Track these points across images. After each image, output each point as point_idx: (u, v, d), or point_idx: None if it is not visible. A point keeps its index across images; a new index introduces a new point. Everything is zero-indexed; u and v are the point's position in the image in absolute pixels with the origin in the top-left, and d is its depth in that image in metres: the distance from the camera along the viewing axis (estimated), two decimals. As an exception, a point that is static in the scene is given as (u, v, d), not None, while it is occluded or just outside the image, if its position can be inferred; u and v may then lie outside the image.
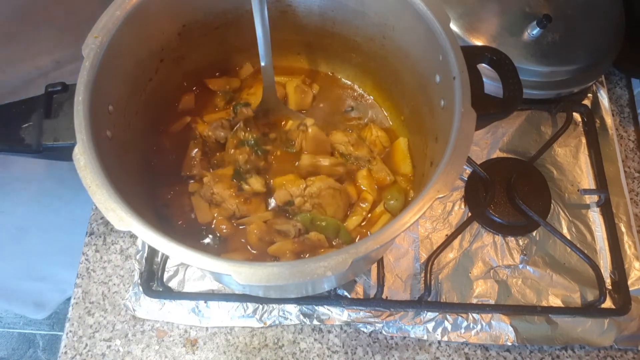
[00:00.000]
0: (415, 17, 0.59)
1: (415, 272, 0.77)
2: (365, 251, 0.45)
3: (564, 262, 0.79)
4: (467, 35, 0.83)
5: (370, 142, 0.76)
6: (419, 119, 0.70)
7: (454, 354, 0.74)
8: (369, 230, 0.71)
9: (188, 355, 0.73)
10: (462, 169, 0.54)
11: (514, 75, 0.59)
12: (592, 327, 0.74)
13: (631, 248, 0.80)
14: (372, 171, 0.74)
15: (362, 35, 0.73)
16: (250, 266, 0.45)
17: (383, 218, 0.71)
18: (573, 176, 0.86)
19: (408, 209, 0.47)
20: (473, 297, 0.76)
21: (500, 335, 0.73)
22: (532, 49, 0.83)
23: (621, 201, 0.83)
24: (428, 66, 0.62)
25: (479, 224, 0.81)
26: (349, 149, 0.74)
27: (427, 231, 0.80)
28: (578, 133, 0.90)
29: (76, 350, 0.74)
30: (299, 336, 0.74)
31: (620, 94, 0.97)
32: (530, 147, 0.88)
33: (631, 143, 0.93)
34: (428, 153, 0.65)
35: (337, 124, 0.79)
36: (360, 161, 0.74)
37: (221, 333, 0.74)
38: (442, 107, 0.59)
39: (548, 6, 0.85)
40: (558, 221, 0.82)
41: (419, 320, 0.74)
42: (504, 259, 0.79)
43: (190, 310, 0.74)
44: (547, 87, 0.85)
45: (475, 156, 0.86)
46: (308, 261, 0.44)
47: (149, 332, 0.75)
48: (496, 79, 0.59)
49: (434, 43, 0.58)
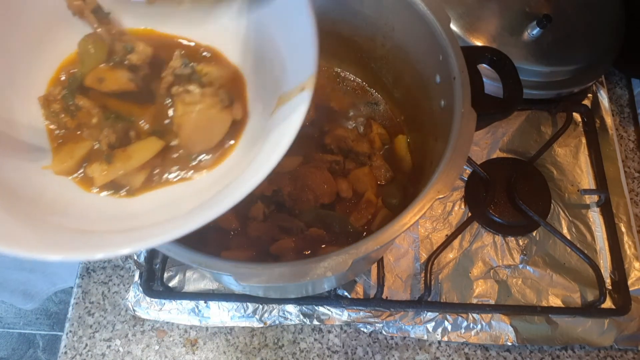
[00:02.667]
0: (415, 17, 0.60)
1: (415, 272, 0.77)
2: (365, 251, 0.45)
3: (564, 262, 0.79)
4: (467, 35, 0.83)
5: (370, 139, 0.76)
6: (419, 119, 0.70)
7: (454, 354, 0.74)
8: (370, 226, 0.70)
9: (188, 355, 0.73)
10: (462, 169, 0.54)
11: (514, 75, 0.59)
12: (592, 327, 0.74)
13: (631, 248, 0.80)
14: (373, 167, 0.74)
15: (362, 35, 0.72)
16: (250, 266, 0.45)
17: (382, 212, 0.71)
18: (573, 176, 0.86)
19: (408, 209, 0.47)
20: (473, 297, 0.76)
21: (500, 335, 0.73)
22: (532, 49, 0.83)
23: (621, 201, 0.83)
24: (428, 66, 0.62)
25: (479, 224, 0.81)
26: (349, 144, 0.74)
27: (427, 231, 0.80)
28: (578, 133, 0.90)
29: (76, 350, 0.74)
30: (299, 336, 0.74)
31: (620, 94, 0.97)
32: (530, 147, 0.88)
33: (631, 143, 0.93)
34: (428, 153, 0.65)
35: (338, 121, 0.79)
36: (360, 157, 0.74)
37: (221, 333, 0.74)
38: (442, 107, 0.59)
39: (548, 6, 0.85)
40: (558, 221, 0.82)
41: (419, 320, 0.74)
42: (504, 259, 0.79)
43: (190, 310, 0.74)
44: (547, 87, 0.85)
45: (475, 156, 0.86)
46: (308, 262, 0.45)
47: (149, 332, 0.75)
48: (496, 79, 0.59)
49: (434, 43, 0.58)
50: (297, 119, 0.42)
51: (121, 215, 0.47)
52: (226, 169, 0.50)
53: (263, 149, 0.44)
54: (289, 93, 0.46)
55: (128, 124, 0.52)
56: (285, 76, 0.47)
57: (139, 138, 0.52)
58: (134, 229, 0.42)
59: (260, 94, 0.54)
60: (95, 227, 0.44)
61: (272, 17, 0.51)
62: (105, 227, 0.44)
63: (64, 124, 0.52)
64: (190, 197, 0.47)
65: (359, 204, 0.71)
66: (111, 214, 0.47)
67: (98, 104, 0.52)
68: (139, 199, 0.49)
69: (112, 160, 0.50)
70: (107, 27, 0.54)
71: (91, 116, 0.51)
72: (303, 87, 0.43)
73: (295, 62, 0.47)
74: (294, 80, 0.45)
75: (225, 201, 0.39)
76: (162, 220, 0.43)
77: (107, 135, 0.50)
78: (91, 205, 0.48)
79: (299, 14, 0.46)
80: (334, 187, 0.71)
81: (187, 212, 0.43)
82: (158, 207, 0.48)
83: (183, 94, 0.51)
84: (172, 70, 0.53)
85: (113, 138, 0.50)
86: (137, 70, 0.54)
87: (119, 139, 0.51)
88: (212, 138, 0.51)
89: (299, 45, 0.46)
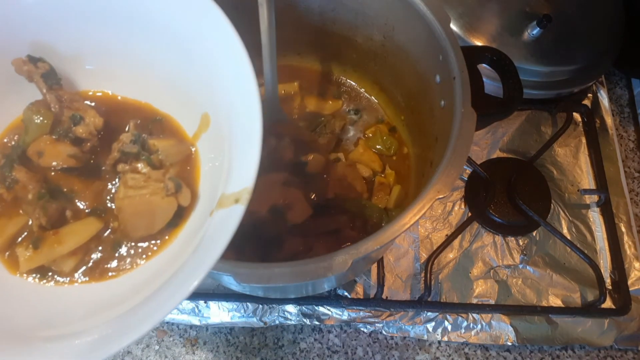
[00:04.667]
0: (415, 17, 0.59)
1: (415, 272, 0.77)
2: (366, 251, 0.45)
3: (564, 262, 0.79)
4: (467, 35, 0.83)
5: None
6: (419, 119, 0.70)
7: (454, 354, 0.74)
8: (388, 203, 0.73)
9: (188, 355, 0.73)
10: (462, 169, 0.54)
11: (514, 75, 0.59)
12: (592, 327, 0.74)
13: (631, 248, 0.80)
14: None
15: (362, 35, 0.73)
16: (250, 266, 0.44)
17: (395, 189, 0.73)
18: (573, 176, 0.86)
19: (408, 209, 0.47)
20: (473, 297, 0.76)
21: (500, 335, 0.73)
22: (532, 49, 0.83)
23: (621, 201, 0.83)
24: (428, 66, 0.62)
25: (479, 224, 0.81)
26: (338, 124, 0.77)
27: (427, 231, 0.80)
28: (578, 133, 0.90)
29: (76, 350, 0.74)
30: (299, 336, 0.74)
31: (620, 94, 0.97)
32: (530, 147, 0.88)
33: (631, 143, 0.92)
34: (428, 153, 0.65)
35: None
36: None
37: (221, 333, 0.74)
38: (442, 107, 0.59)
39: (548, 6, 0.85)
40: (558, 221, 0.82)
41: (419, 320, 0.74)
42: (504, 259, 0.79)
43: (190, 310, 0.74)
44: (547, 87, 0.85)
45: (475, 156, 0.86)
46: (308, 262, 0.44)
47: (149, 332, 0.75)
48: (496, 79, 0.59)
49: (434, 43, 0.58)
50: (226, 234, 0.38)
51: (50, 310, 0.43)
52: (165, 260, 0.46)
53: (197, 253, 0.41)
54: (227, 197, 0.41)
55: (64, 203, 0.48)
56: (229, 176, 0.43)
57: (76, 218, 0.48)
58: (64, 336, 0.38)
59: (210, 180, 0.49)
60: (22, 326, 0.40)
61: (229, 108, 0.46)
62: (33, 326, 0.40)
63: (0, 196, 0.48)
64: (125, 293, 0.44)
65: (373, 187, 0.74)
66: (39, 306, 0.44)
67: (38, 177, 0.48)
68: (70, 290, 0.45)
69: (40, 245, 0.45)
70: (57, 93, 0.51)
71: (27, 191, 0.47)
72: (237, 199, 0.39)
73: (237, 166, 0.42)
74: (234, 185, 0.41)
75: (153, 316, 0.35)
76: (94, 325, 0.38)
77: (39, 217, 0.46)
78: (18, 291, 0.45)
79: (251, 118, 0.42)
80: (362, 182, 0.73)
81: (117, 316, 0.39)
82: (91, 303, 0.44)
83: (128, 173, 0.48)
84: (121, 146, 0.49)
85: (44, 220, 0.46)
86: (83, 142, 0.50)
87: (51, 220, 0.47)
88: (153, 225, 0.47)
89: (244, 151, 0.42)
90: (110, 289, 0.45)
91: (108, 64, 0.53)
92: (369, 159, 0.75)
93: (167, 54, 0.50)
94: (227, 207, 0.40)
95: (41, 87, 0.50)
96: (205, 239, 0.41)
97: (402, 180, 0.75)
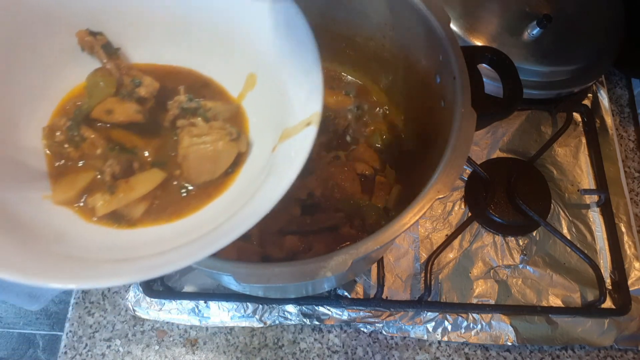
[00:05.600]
0: (415, 17, 0.59)
1: (415, 272, 0.77)
2: (365, 252, 0.45)
3: (564, 262, 0.79)
4: (467, 35, 0.83)
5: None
6: (419, 119, 0.70)
7: (454, 354, 0.74)
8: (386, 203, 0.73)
9: (188, 355, 0.73)
10: (462, 169, 0.54)
11: (514, 75, 0.59)
12: (592, 327, 0.74)
13: (631, 248, 0.80)
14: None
15: (362, 35, 0.72)
16: (250, 266, 0.45)
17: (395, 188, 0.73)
18: (573, 176, 0.86)
19: (408, 209, 0.47)
20: (473, 297, 0.76)
21: (501, 335, 0.73)
22: (532, 49, 0.83)
23: (621, 201, 0.83)
24: (428, 66, 0.62)
25: (479, 224, 0.81)
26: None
27: (427, 231, 0.80)
28: (578, 133, 0.90)
29: (76, 350, 0.74)
30: (299, 336, 0.74)
31: (620, 94, 0.97)
32: (530, 147, 0.88)
33: (631, 143, 0.92)
34: (428, 153, 0.65)
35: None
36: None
37: (221, 333, 0.74)
38: (442, 107, 0.59)
39: (548, 6, 0.85)
40: (558, 221, 0.82)
41: (419, 320, 0.74)
42: (504, 259, 0.79)
43: (190, 310, 0.74)
44: (547, 87, 0.85)
45: (475, 156, 0.86)
46: (308, 262, 0.44)
47: (149, 332, 0.75)
48: (496, 79, 0.59)
49: (434, 43, 0.58)
50: (303, 152, 0.43)
51: (121, 245, 0.47)
52: (227, 201, 0.50)
53: (269, 180, 0.45)
54: (294, 128, 0.46)
55: (131, 156, 0.53)
56: (289, 112, 0.48)
57: (142, 169, 0.53)
58: (134, 259, 0.42)
59: (261, 127, 0.55)
60: (94, 256, 0.44)
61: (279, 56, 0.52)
62: (105, 256, 0.44)
63: (66, 154, 0.52)
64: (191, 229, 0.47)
65: (373, 186, 0.73)
66: (110, 244, 0.47)
67: (102, 135, 0.53)
68: (139, 231, 0.49)
69: (115, 191, 0.50)
70: (115, 62, 0.56)
71: (95, 147, 0.52)
72: (309, 122, 0.45)
73: (300, 99, 0.47)
74: (298, 116, 0.46)
75: (232, 232, 0.39)
76: (162, 251, 0.43)
77: (111, 166, 0.51)
78: (90, 235, 0.48)
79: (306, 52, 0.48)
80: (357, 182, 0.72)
81: (187, 243, 0.43)
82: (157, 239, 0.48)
83: (189, 126, 0.53)
84: (178, 104, 0.55)
85: (117, 169, 0.51)
86: (145, 102, 0.55)
87: (122, 170, 0.51)
88: (216, 170, 0.52)
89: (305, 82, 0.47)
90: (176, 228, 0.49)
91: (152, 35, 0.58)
92: (369, 158, 0.75)
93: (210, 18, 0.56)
94: (297, 133, 0.45)
95: (102, 58, 0.55)
96: (276, 166, 0.46)
97: (402, 180, 0.74)
